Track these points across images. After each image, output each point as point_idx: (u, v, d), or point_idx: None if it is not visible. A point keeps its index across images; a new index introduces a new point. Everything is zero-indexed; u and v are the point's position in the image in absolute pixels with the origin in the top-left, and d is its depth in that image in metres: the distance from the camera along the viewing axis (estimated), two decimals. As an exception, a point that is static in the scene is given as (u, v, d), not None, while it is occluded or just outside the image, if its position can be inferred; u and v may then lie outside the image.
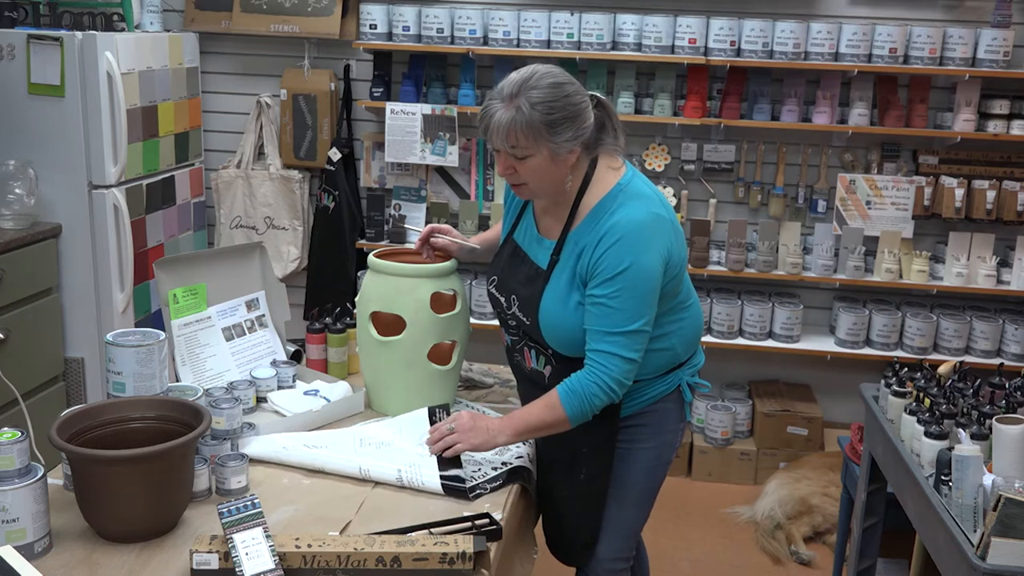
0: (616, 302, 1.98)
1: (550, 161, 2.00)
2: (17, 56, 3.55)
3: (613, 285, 1.97)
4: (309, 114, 4.26)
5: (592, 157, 2.10)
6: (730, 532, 3.71)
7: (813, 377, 4.38)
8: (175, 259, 2.43)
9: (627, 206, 2.03)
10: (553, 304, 2.08)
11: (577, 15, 3.94)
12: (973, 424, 2.14)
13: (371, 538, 1.67)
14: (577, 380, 2.01)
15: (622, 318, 1.98)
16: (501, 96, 2.00)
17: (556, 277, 2.09)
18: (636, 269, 1.97)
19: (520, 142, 1.98)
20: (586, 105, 2.03)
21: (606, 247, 1.98)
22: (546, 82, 2.00)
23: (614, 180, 2.08)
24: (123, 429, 1.87)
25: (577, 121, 2.00)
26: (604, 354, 1.99)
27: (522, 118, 1.96)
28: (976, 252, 3.99)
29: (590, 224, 2.05)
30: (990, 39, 3.78)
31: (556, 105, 1.97)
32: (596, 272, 2.00)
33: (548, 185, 2.05)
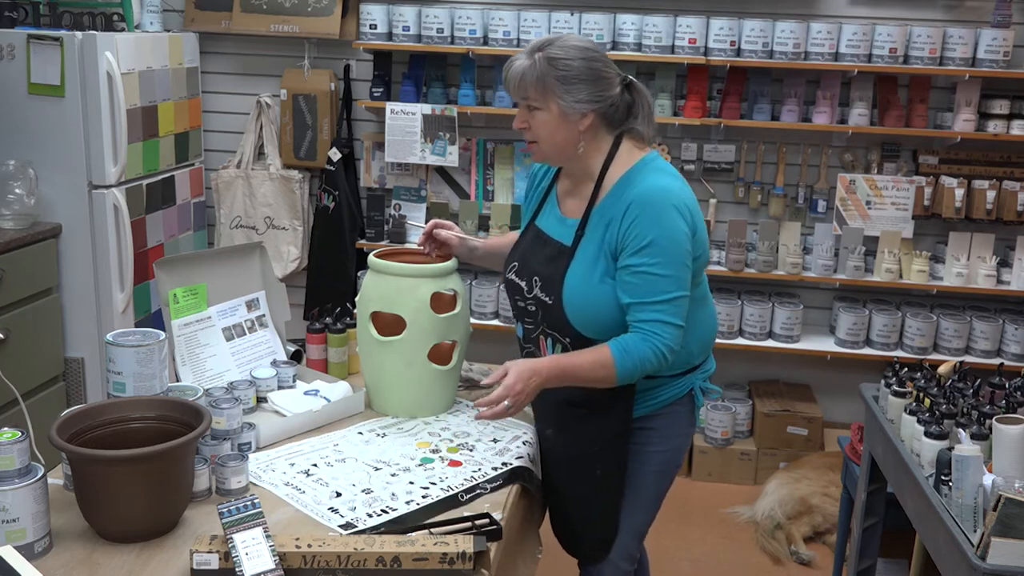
0: (657, 268, 2.00)
1: (559, 119, 2.05)
2: (17, 56, 3.55)
3: (649, 254, 2.00)
4: (309, 114, 4.26)
5: (616, 135, 2.13)
6: (730, 532, 3.71)
7: (813, 377, 4.38)
8: (175, 259, 2.43)
9: (653, 176, 2.06)
10: (578, 279, 2.09)
11: (577, 15, 3.94)
12: (973, 424, 2.14)
13: (371, 538, 1.68)
14: (632, 342, 2.02)
15: (665, 285, 2.01)
16: (526, 49, 2.07)
17: (581, 252, 2.10)
18: (668, 235, 2.00)
19: (530, 93, 2.05)
20: (607, 76, 2.06)
21: (635, 215, 2.01)
22: (569, 43, 2.06)
23: (638, 157, 2.12)
24: (123, 429, 1.87)
25: (591, 85, 2.03)
26: (654, 323, 2.01)
27: (534, 70, 2.03)
28: (976, 252, 3.99)
29: (615, 196, 2.07)
30: (990, 39, 3.78)
31: (571, 64, 2.02)
32: (628, 242, 2.02)
33: (557, 146, 2.10)
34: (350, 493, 1.97)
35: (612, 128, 2.12)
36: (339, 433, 2.26)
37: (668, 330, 2.01)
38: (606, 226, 2.07)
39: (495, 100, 4.10)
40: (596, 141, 2.11)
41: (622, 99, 2.11)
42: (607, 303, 2.07)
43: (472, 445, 2.22)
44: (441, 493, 1.98)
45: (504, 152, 4.28)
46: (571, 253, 2.11)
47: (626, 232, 2.02)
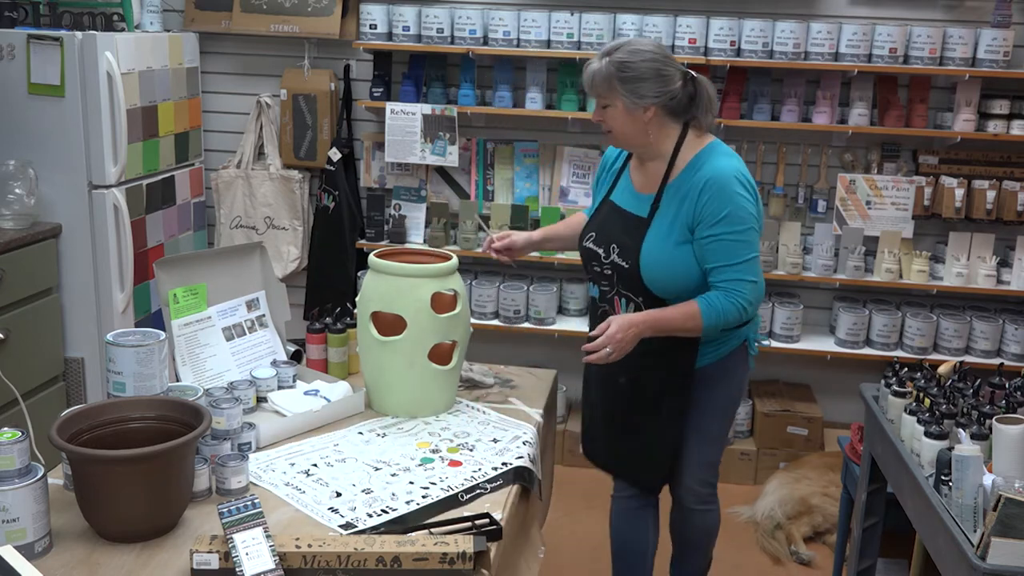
0: (733, 235, 2.32)
1: (625, 112, 2.38)
2: (17, 56, 3.55)
3: (726, 223, 2.32)
4: (309, 114, 4.26)
5: (683, 123, 2.44)
6: (730, 532, 3.71)
7: (813, 377, 4.38)
8: (175, 259, 2.43)
9: (722, 159, 2.39)
10: (655, 245, 2.39)
11: (577, 15, 3.94)
12: (973, 424, 2.14)
13: (371, 538, 1.68)
14: (716, 298, 2.34)
15: (742, 248, 2.33)
16: (599, 53, 2.43)
17: (657, 222, 2.41)
18: (739, 206, 2.33)
19: (600, 91, 2.40)
20: (667, 74, 2.37)
21: (711, 193, 2.33)
22: (632, 47, 2.39)
23: (706, 142, 2.44)
24: (123, 429, 1.87)
25: (651, 83, 2.35)
26: (735, 281, 2.34)
27: (602, 72, 2.38)
28: (976, 252, 3.99)
29: (689, 174, 2.39)
30: (990, 39, 3.78)
31: (632, 65, 2.35)
32: (705, 215, 2.33)
33: (628, 134, 2.42)
34: (350, 493, 1.97)
35: (677, 117, 2.43)
36: (339, 433, 2.26)
37: (747, 287, 2.34)
38: (681, 201, 2.38)
39: (495, 100, 4.09)
40: (664, 129, 2.42)
41: (684, 92, 2.40)
42: (679, 267, 2.38)
43: (472, 445, 2.22)
44: (441, 493, 1.98)
45: (504, 152, 4.28)
46: (648, 223, 2.42)
47: (703, 207, 2.33)
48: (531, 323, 4.18)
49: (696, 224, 2.35)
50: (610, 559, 3.03)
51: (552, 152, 4.25)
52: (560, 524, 3.64)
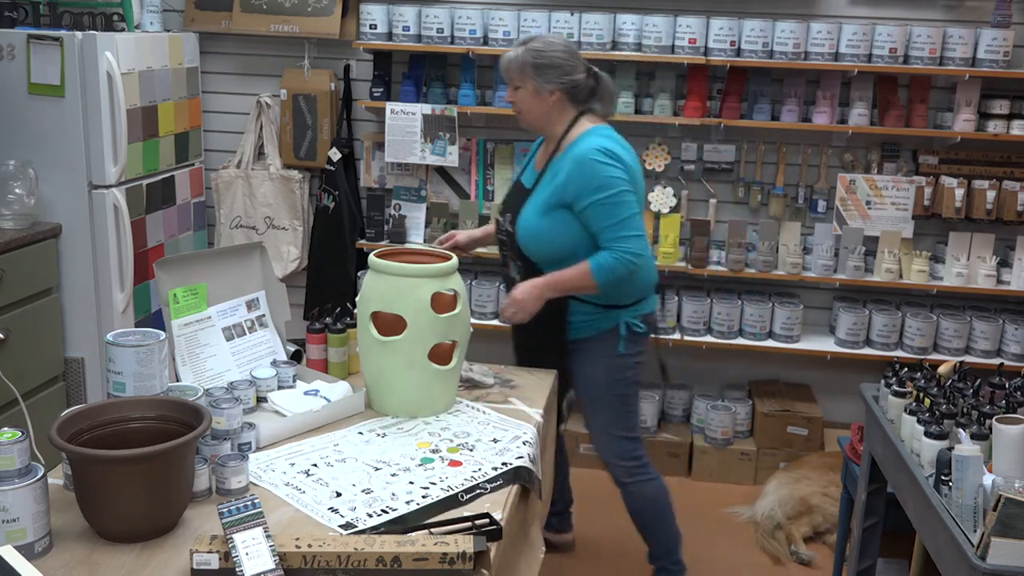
0: (605, 199, 2.66)
1: (533, 94, 2.79)
2: (17, 56, 3.55)
3: (597, 192, 2.66)
4: (309, 114, 4.26)
5: (579, 111, 2.82)
6: (730, 532, 3.71)
7: (813, 377, 4.38)
8: (175, 259, 2.43)
9: (594, 138, 2.73)
10: (529, 213, 2.78)
11: (577, 15, 3.94)
12: (973, 424, 2.14)
13: (371, 538, 1.68)
14: (604, 256, 2.68)
15: (617, 209, 2.66)
16: (517, 43, 2.84)
17: (536, 193, 2.80)
18: (606, 175, 2.66)
19: (514, 74, 2.80)
20: (571, 66, 2.78)
21: (579, 168, 2.68)
22: (546, 40, 2.82)
23: (591, 126, 2.80)
24: (123, 429, 1.87)
25: (558, 71, 2.76)
26: (617, 239, 2.67)
27: (518, 59, 2.78)
28: (976, 252, 3.99)
29: (566, 153, 2.76)
30: (990, 39, 3.78)
31: (544, 54, 2.76)
32: (579, 189, 2.67)
33: (534, 114, 2.83)
34: (350, 493, 1.97)
35: (577, 104, 2.82)
36: (339, 433, 2.26)
37: (629, 241, 2.67)
38: (555, 175, 2.75)
39: (495, 100, 4.09)
40: (564, 113, 2.82)
41: (586, 83, 2.81)
42: (544, 234, 2.74)
43: (472, 445, 2.22)
44: (441, 493, 1.98)
45: (504, 152, 4.28)
46: (529, 193, 2.82)
47: (575, 183, 2.68)
48: (531, 323, 4.17)
49: (574, 199, 2.69)
50: (610, 559, 3.05)
51: (552, 152, 4.25)
52: (560, 524, 3.64)
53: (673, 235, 4.09)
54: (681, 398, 4.32)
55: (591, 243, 2.72)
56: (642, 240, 2.69)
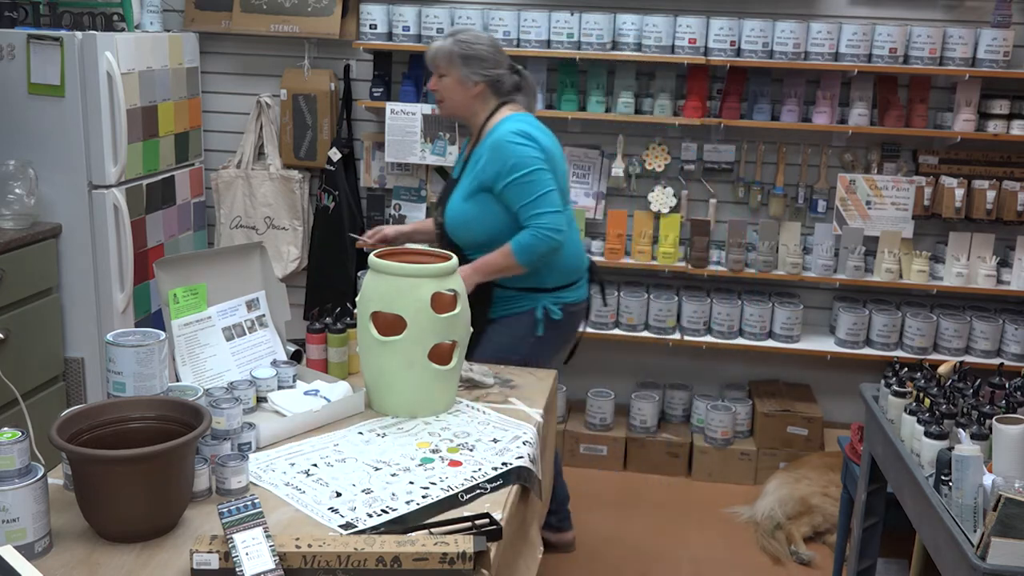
0: (521, 178, 2.75)
1: (458, 84, 2.89)
2: (17, 56, 3.55)
3: (513, 172, 2.75)
4: (309, 114, 4.26)
5: (501, 103, 2.92)
6: (730, 532, 3.71)
7: (813, 377, 4.38)
8: (175, 259, 2.43)
9: (511, 123, 2.84)
10: (455, 201, 2.89)
11: (577, 15, 3.94)
12: (973, 424, 2.14)
13: (371, 538, 1.68)
14: (523, 235, 2.76)
15: (533, 187, 2.75)
16: (445, 34, 2.97)
17: (461, 181, 2.90)
18: (522, 154, 2.76)
19: (440, 63, 2.90)
20: (496, 60, 2.90)
21: (496, 150, 2.78)
22: (473, 34, 2.95)
23: (510, 113, 2.90)
24: (123, 429, 1.87)
25: (482, 63, 2.87)
26: (535, 215, 2.76)
27: (446, 48, 2.88)
28: (976, 252, 3.99)
29: (485, 140, 2.86)
30: (990, 39, 3.78)
31: (472, 47, 2.87)
32: (497, 171, 2.76)
33: (457, 104, 2.92)
34: (350, 493, 1.97)
35: (499, 97, 2.93)
36: (339, 433, 2.26)
37: (546, 217, 2.75)
38: (476, 162, 2.85)
39: (495, 100, 4.09)
40: (484, 104, 2.92)
41: (510, 79, 2.93)
42: (466, 220, 2.85)
43: (472, 445, 2.22)
44: (441, 493, 1.98)
45: (504, 152, 4.27)
46: (456, 183, 2.93)
47: (492, 166, 2.77)
48: (531, 323, 4.17)
49: (492, 182, 2.78)
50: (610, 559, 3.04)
51: (552, 152, 4.25)
52: (560, 524, 3.64)
53: (673, 235, 4.09)
54: (681, 398, 4.32)
55: (515, 226, 2.80)
56: (560, 216, 2.77)
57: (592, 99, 4.04)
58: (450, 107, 2.94)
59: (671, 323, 4.14)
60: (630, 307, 4.13)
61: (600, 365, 4.44)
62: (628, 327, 4.14)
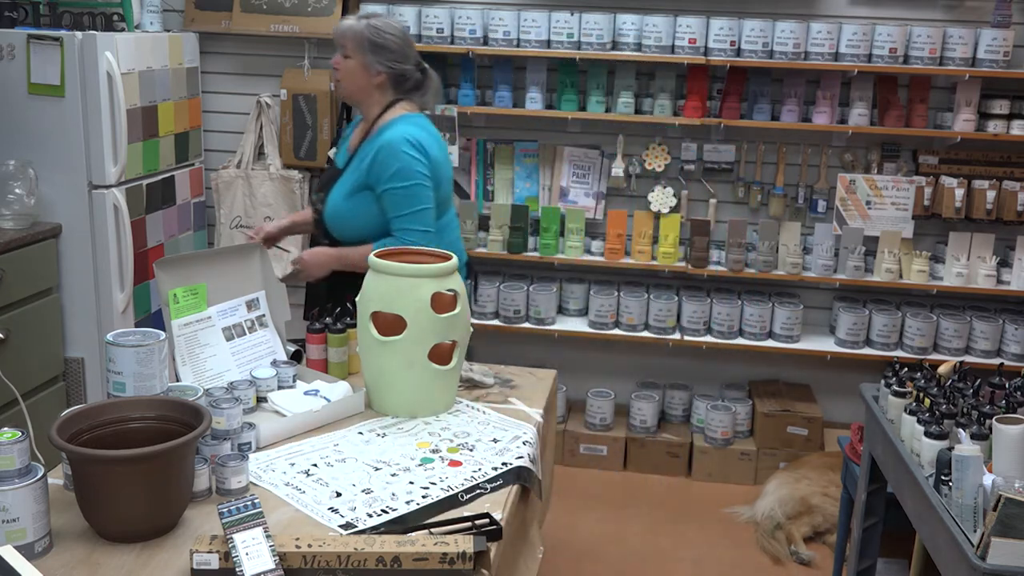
0: (401, 189, 2.74)
1: (361, 68, 2.82)
2: (17, 56, 3.55)
3: (396, 180, 2.73)
4: (309, 114, 4.26)
5: (398, 97, 2.87)
6: (730, 532, 3.71)
7: (813, 377, 4.38)
8: (175, 259, 2.43)
9: (403, 126, 2.80)
10: (336, 194, 2.85)
11: (577, 15, 3.94)
12: (973, 424, 2.14)
13: (371, 538, 1.68)
14: (389, 242, 2.73)
15: (409, 200, 2.75)
16: (357, 15, 2.86)
17: (346, 175, 2.86)
18: (407, 165, 2.73)
19: (348, 43, 2.81)
20: (403, 54, 2.85)
21: (384, 153, 2.74)
22: (387, 21, 2.87)
23: (403, 112, 2.87)
24: (123, 429, 1.87)
25: (390, 54, 2.81)
26: (404, 229, 2.76)
27: (357, 28, 2.81)
28: (976, 252, 3.99)
29: (376, 136, 2.81)
30: (990, 39, 3.78)
31: (383, 34, 2.81)
32: (380, 173, 2.74)
33: (355, 88, 2.86)
34: (350, 493, 1.97)
35: (397, 91, 2.87)
36: (339, 433, 2.26)
37: (414, 234, 2.75)
38: (363, 159, 2.80)
39: (495, 100, 4.09)
40: (382, 95, 2.86)
41: (414, 76, 2.87)
42: (349, 215, 2.82)
43: (472, 445, 2.22)
44: (441, 493, 1.98)
45: (504, 152, 4.28)
46: (340, 174, 2.88)
47: (378, 166, 2.74)
48: (531, 323, 4.18)
49: (375, 183, 2.76)
50: (609, 559, 3.04)
51: (552, 152, 4.25)
52: (560, 524, 3.64)
53: (673, 235, 4.09)
54: (681, 398, 4.32)
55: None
56: (428, 236, 2.78)
57: (592, 99, 4.04)
58: (347, 89, 2.88)
59: (671, 323, 4.14)
60: (630, 307, 4.13)
61: (600, 365, 4.44)
62: (628, 327, 4.14)
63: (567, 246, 4.14)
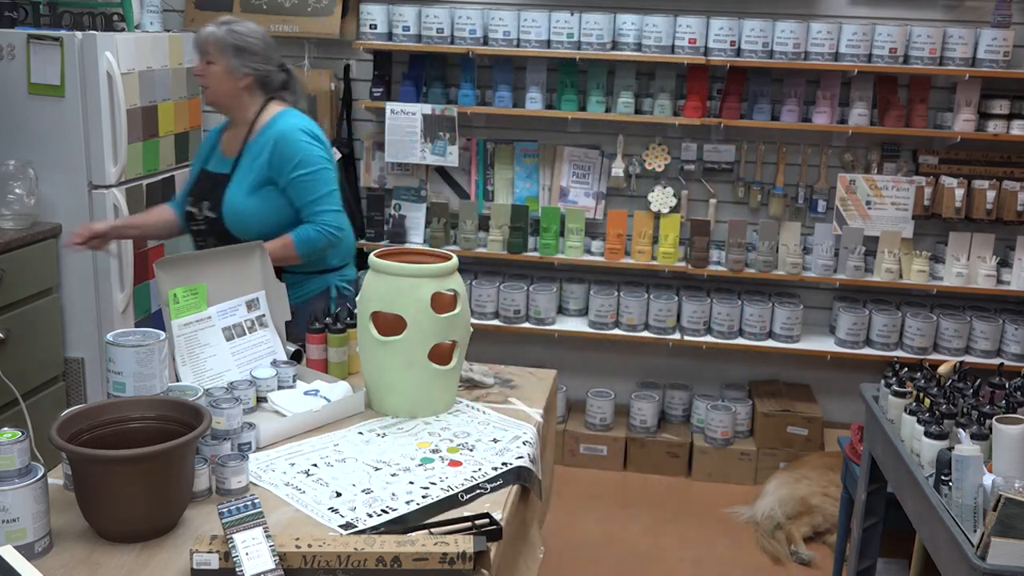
0: (308, 175, 2.80)
1: (226, 73, 2.85)
2: (17, 56, 3.55)
3: (300, 168, 2.79)
4: (309, 114, 4.25)
5: (268, 98, 2.92)
6: (730, 532, 3.71)
7: (813, 377, 4.38)
8: (175, 259, 2.43)
9: (291, 118, 2.89)
10: (234, 195, 2.85)
11: (577, 15, 3.94)
12: (973, 424, 2.14)
13: (371, 538, 1.68)
14: (305, 229, 2.81)
15: (318, 185, 2.81)
16: (218, 21, 2.89)
17: (237, 176, 2.86)
18: (307, 152, 2.81)
19: (210, 49, 2.85)
20: (266, 56, 2.89)
21: (282, 146, 2.80)
22: (247, 26, 2.89)
23: (279, 109, 2.93)
24: (123, 429, 1.87)
25: (254, 57, 2.86)
26: (319, 212, 2.81)
27: (218, 34, 2.84)
28: (976, 252, 3.99)
29: (263, 134, 2.86)
30: (990, 39, 3.78)
31: (245, 38, 2.85)
32: (282, 165, 2.79)
33: (222, 93, 2.88)
34: (350, 493, 1.97)
35: (266, 92, 2.92)
36: (339, 433, 2.26)
37: (329, 215, 2.82)
38: (256, 156, 2.84)
39: (495, 100, 4.10)
40: (253, 98, 2.90)
41: (279, 76, 2.93)
42: (254, 213, 2.82)
43: (472, 445, 2.22)
44: (441, 493, 1.98)
45: (504, 152, 4.28)
46: (229, 178, 2.88)
47: (278, 159, 2.79)
48: (531, 323, 4.18)
49: (277, 175, 2.80)
50: (609, 559, 3.04)
51: (552, 152, 4.25)
52: (560, 524, 3.64)
53: (673, 235, 4.09)
54: (681, 398, 4.32)
55: (296, 219, 2.85)
56: (342, 215, 2.87)
57: (592, 99, 4.05)
58: (215, 96, 2.90)
59: (671, 323, 4.14)
60: (630, 307, 4.13)
61: (600, 365, 4.44)
62: (628, 327, 4.14)
63: (567, 246, 4.14)
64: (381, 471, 2.07)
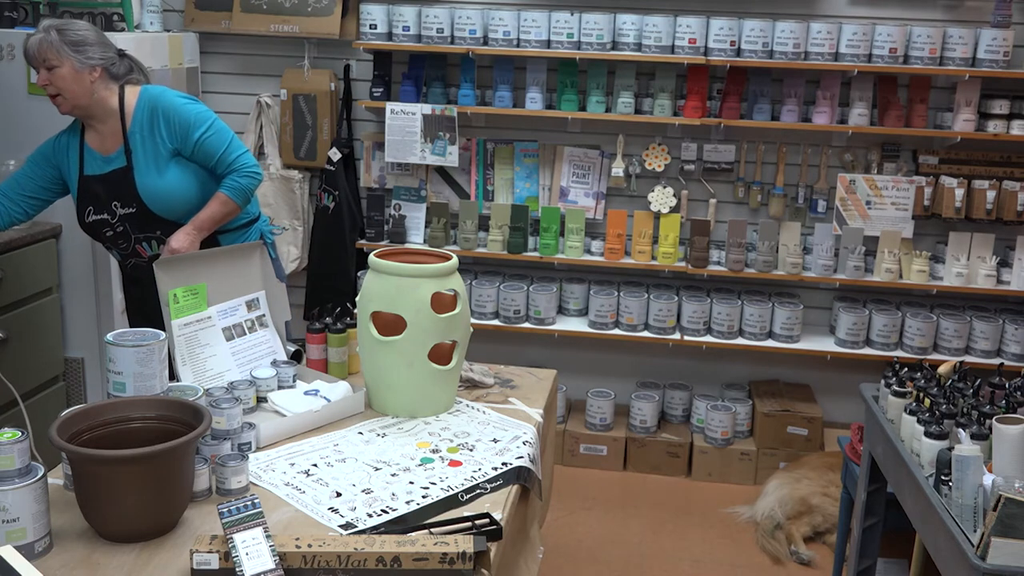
0: (210, 130, 2.80)
1: (74, 73, 2.73)
2: (17, 56, 3.55)
3: (200, 126, 2.78)
4: (309, 114, 4.26)
5: (121, 85, 2.84)
6: (730, 532, 3.71)
7: (813, 377, 4.38)
8: (175, 259, 2.43)
9: (154, 90, 2.85)
10: (149, 181, 2.80)
11: (577, 15, 3.94)
12: (973, 424, 2.14)
13: (371, 538, 1.68)
14: (231, 179, 2.81)
15: (222, 134, 2.82)
16: (41, 29, 2.75)
17: (140, 162, 2.80)
18: (193, 111, 2.81)
19: (48, 55, 2.71)
20: (104, 43, 2.81)
21: (166, 114, 2.79)
22: (68, 22, 2.80)
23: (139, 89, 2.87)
24: (123, 429, 1.87)
25: (95, 47, 2.77)
26: (236, 159, 2.81)
27: (49, 39, 2.71)
28: (976, 252, 3.99)
29: (140, 114, 2.80)
30: (990, 39, 3.78)
31: (76, 32, 2.74)
32: (178, 132, 2.78)
33: (76, 94, 2.75)
34: (350, 493, 1.97)
35: (117, 80, 2.83)
36: (339, 433, 2.26)
37: (244, 156, 2.83)
38: (146, 137, 2.80)
39: (495, 100, 4.09)
40: (108, 89, 2.81)
41: (123, 63, 2.86)
42: (174, 189, 2.79)
43: (472, 445, 2.22)
44: (441, 493, 1.99)
45: (504, 152, 4.28)
46: (130, 167, 2.80)
47: (174, 126, 2.78)
48: (531, 323, 4.18)
49: (182, 145, 2.79)
50: (609, 559, 3.03)
51: (552, 152, 4.25)
52: (560, 524, 3.64)
53: (673, 235, 4.09)
54: (681, 398, 4.32)
55: (213, 179, 2.86)
56: (250, 154, 2.89)
57: (592, 99, 4.04)
58: (72, 101, 2.77)
59: (671, 323, 4.14)
60: (630, 307, 4.13)
61: (600, 365, 4.44)
62: (628, 327, 4.14)
63: (567, 246, 4.14)
64: (381, 471, 2.07)
